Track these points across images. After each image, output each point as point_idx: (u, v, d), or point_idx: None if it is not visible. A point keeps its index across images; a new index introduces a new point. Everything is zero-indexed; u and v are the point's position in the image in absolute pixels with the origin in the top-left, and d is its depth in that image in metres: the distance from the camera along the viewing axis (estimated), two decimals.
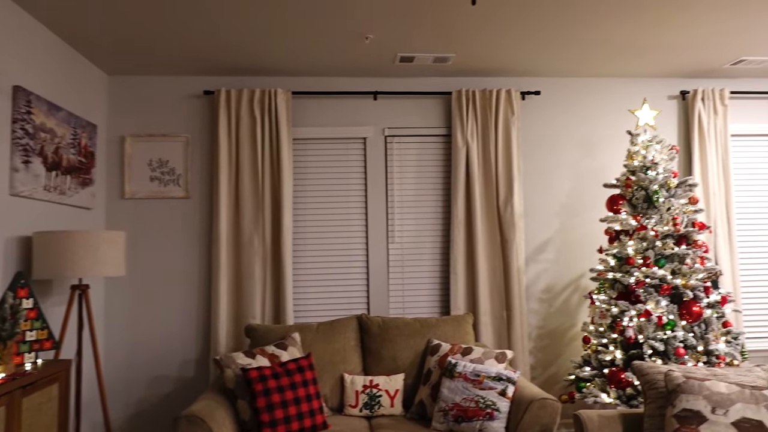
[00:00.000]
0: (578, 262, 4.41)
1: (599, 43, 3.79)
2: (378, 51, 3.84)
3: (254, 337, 3.49)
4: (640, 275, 3.51)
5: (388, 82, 4.39)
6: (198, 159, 4.24)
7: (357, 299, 4.29)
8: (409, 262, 4.34)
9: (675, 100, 4.54)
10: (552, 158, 4.46)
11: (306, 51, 3.80)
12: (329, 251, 4.29)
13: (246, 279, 4.04)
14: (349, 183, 4.35)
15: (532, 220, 4.41)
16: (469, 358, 3.21)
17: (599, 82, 4.51)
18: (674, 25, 3.51)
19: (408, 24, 3.40)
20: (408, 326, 3.54)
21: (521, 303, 4.18)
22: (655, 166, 3.69)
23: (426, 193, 4.38)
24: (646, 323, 3.42)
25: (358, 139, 4.38)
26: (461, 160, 4.25)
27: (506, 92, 4.31)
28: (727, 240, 4.34)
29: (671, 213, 3.63)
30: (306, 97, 4.33)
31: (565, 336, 4.36)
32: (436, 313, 4.33)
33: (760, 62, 4.18)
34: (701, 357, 3.41)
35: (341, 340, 3.47)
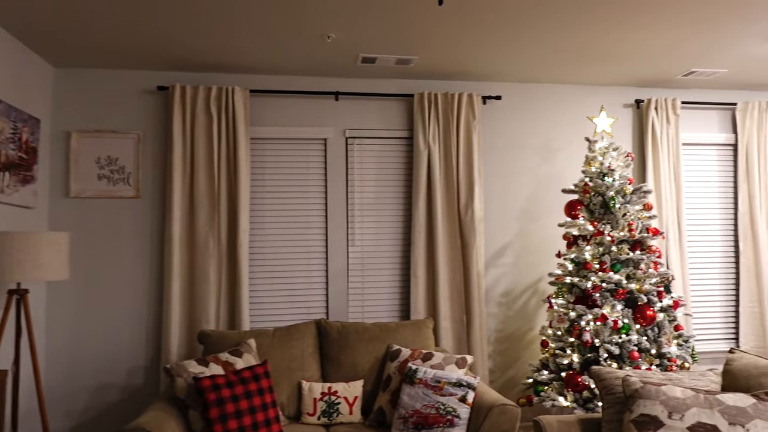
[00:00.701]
0: (537, 266, 4.46)
1: (560, 51, 3.84)
2: (340, 51, 3.77)
3: (208, 343, 3.36)
4: (596, 280, 3.56)
5: (350, 83, 4.32)
6: (150, 157, 4.06)
7: (316, 304, 4.20)
8: (369, 266, 4.28)
9: (630, 108, 4.66)
10: (512, 163, 4.49)
11: (266, 48, 3.70)
12: (287, 254, 4.19)
13: (200, 283, 3.89)
14: (309, 185, 4.26)
15: (492, 225, 4.43)
16: (429, 363, 3.18)
17: (558, 88, 4.57)
18: (631, 36, 3.59)
19: (370, 24, 3.34)
20: (368, 331, 3.48)
21: (481, 307, 4.19)
22: (612, 173, 3.75)
23: (387, 196, 4.34)
24: (602, 327, 3.47)
25: (319, 140, 4.29)
26: (423, 163, 4.22)
27: (468, 96, 4.31)
28: (677, 245, 4.47)
29: (627, 219, 3.70)
30: (265, 95, 4.22)
31: (523, 339, 4.39)
32: (395, 318, 4.29)
33: (710, 74, 4.32)
34: (654, 360, 3.48)
35: (299, 346, 3.37)
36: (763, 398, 2.08)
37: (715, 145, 4.75)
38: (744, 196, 4.61)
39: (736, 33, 3.55)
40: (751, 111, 4.64)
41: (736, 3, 3.11)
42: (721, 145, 4.76)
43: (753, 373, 2.27)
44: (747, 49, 3.82)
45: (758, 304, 4.52)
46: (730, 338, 4.65)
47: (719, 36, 3.59)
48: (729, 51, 3.86)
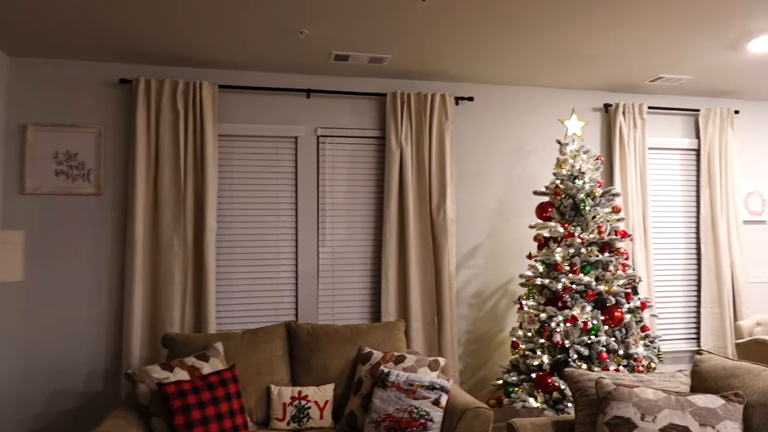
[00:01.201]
0: (507, 268, 4.47)
1: (532, 54, 3.85)
2: (312, 47, 3.69)
3: (172, 347, 3.23)
4: (567, 281, 3.59)
5: (322, 81, 4.25)
6: (112, 153, 3.89)
7: (285, 305, 4.10)
8: (339, 267, 4.21)
9: (599, 112, 4.73)
10: (483, 164, 4.49)
11: (236, 43, 3.59)
12: (256, 255, 4.08)
13: (164, 284, 3.75)
14: (279, 183, 4.16)
15: (463, 225, 4.42)
16: (401, 366, 3.14)
17: (530, 90, 4.60)
18: (602, 41, 3.63)
19: (344, 21, 3.28)
20: (338, 333, 3.41)
21: (452, 308, 4.17)
22: (582, 176, 3.79)
23: (358, 196, 4.28)
24: (572, 328, 3.50)
25: (289, 138, 4.20)
26: (395, 163, 4.18)
27: (441, 97, 4.29)
28: (643, 247, 4.56)
29: (596, 221, 3.74)
30: (234, 91, 4.10)
31: (493, 341, 4.40)
32: (366, 320, 4.23)
33: (675, 80, 4.42)
34: (622, 361, 3.53)
35: (268, 349, 3.28)
36: (732, 399, 2.12)
37: (679, 150, 4.86)
38: (706, 200, 4.74)
39: (703, 41, 3.63)
40: (713, 117, 4.78)
41: (702, 14, 3.18)
42: (684, 150, 4.88)
43: (721, 374, 2.31)
44: (711, 56, 3.92)
45: (718, 305, 4.65)
46: (691, 338, 4.77)
47: (686, 43, 3.67)
48: (695, 58, 3.95)
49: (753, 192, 4.96)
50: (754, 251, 4.93)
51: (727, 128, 4.78)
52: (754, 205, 4.95)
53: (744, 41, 3.65)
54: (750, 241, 4.93)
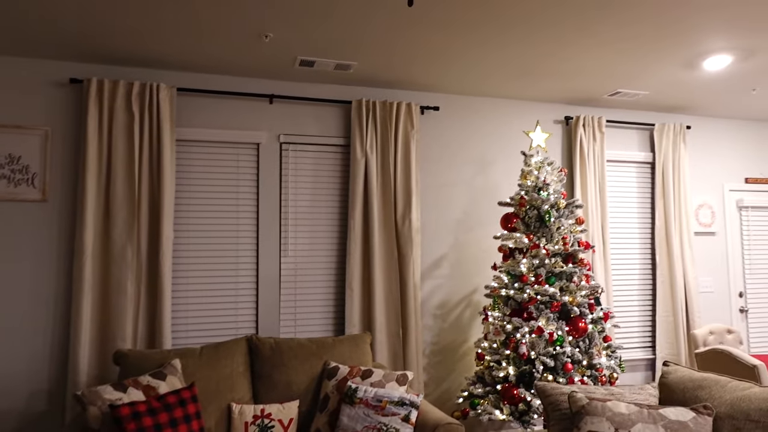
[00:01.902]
0: (471, 278, 4.46)
1: (497, 67, 3.87)
2: (277, 52, 3.58)
3: (125, 364, 3.03)
4: (532, 292, 3.60)
5: (286, 86, 4.14)
6: (60, 157, 3.65)
7: (244, 318, 3.95)
8: (302, 277, 4.09)
9: (560, 124, 4.80)
10: (448, 174, 4.48)
11: (197, 44, 3.44)
12: (215, 265, 3.91)
13: (115, 296, 3.53)
14: (240, 191, 4.01)
15: (428, 235, 4.39)
16: (369, 381, 3.05)
17: (494, 101, 4.63)
18: (564, 56, 3.69)
19: (310, 26, 3.19)
20: (303, 348, 3.30)
21: (417, 319, 4.12)
22: (547, 187, 3.83)
23: (322, 205, 4.18)
24: (538, 340, 3.51)
25: (251, 145, 4.06)
26: (360, 171, 4.11)
27: (407, 105, 4.26)
28: (602, 258, 4.65)
29: (561, 232, 3.78)
30: (193, 95, 3.93)
31: (457, 352, 4.38)
32: (329, 332, 4.12)
33: (633, 95, 4.55)
34: (586, 371, 3.56)
35: (229, 365, 3.13)
36: (702, 412, 2.14)
37: (635, 163, 5.00)
38: (660, 212, 4.89)
39: (661, 58, 3.74)
40: (666, 132, 4.94)
41: (662, 32, 3.27)
42: (640, 163, 5.02)
43: (689, 386, 2.34)
44: (668, 73, 4.05)
45: (672, 314, 4.79)
46: (647, 347, 4.89)
47: (645, 60, 3.77)
48: (652, 74, 4.07)
49: (703, 204, 5.16)
50: (704, 262, 5.12)
51: (680, 143, 4.96)
52: (704, 217, 5.14)
53: (700, 59, 3.78)
54: (700, 252, 5.11)
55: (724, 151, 5.31)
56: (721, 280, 5.16)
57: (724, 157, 5.30)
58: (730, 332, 4.23)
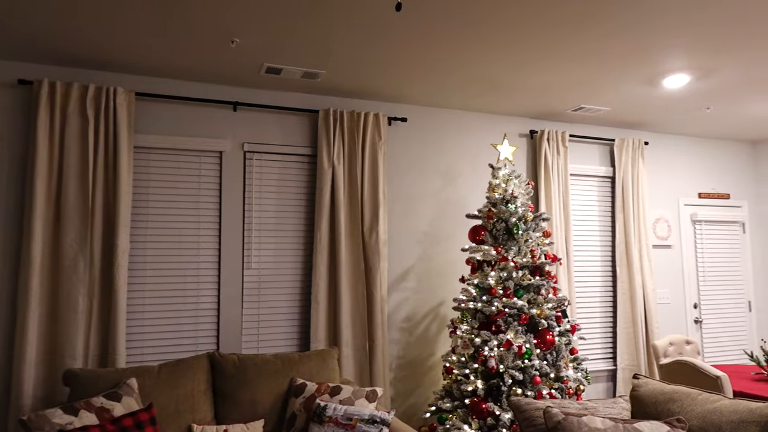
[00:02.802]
0: (438, 291, 4.43)
1: (464, 80, 3.88)
2: (243, 58, 3.48)
3: (76, 385, 2.83)
4: (500, 305, 3.59)
5: (251, 94, 4.03)
6: (6, 162, 3.42)
7: (205, 334, 3.78)
8: (266, 291, 3.96)
9: (525, 138, 4.86)
10: (416, 186, 4.45)
11: (158, 47, 3.30)
12: (174, 278, 3.74)
13: (65, 311, 3.32)
14: (201, 201, 3.86)
15: (395, 248, 4.33)
16: (338, 398, 2.95)
17: (461, 114, 4.65)
18: (529, 72, 3.73)
19: (278, 32, 3.11)
20: (268, 364, 3.17)
21: (383, 333, 4.05)
22: (515, 200, 3.84)
23: (288, 216, 4.07)
24: (506, 353, 3.49)
25: (213, 153, 3.92)
26: (326, 182, 4.03)
27: (374, 116, 4.21)
28: (566, 271, 4.70)
29: (528, 245, 3.79)
30: (153, 100, 3.77)
31: (424, 366, 4.32)
32: (294, 347, 4.00)
33: (595, 111, 4.65)
34: (553, 384, 3.56)
35: (189, 384, 2.97)
36: (675, 425, 2.15)
37: (596, 177, 5.11)
38: (620, 225, 5.00)
39: (623, 75, 3.83)
40: (626, 147, 5.07)
41: (624, 50, 3.35)
42: (601, 177, 5.13)
43: (660, 399, 2.35)
44: (629, 90, 4.15)
45: (632, 325, 4.89)
46: (608, 358, 4.97)
47: (607, 77, 3.86)
48: (614, 91, 4.17)
49: (660, 218, 5.31)
50: (661, 274, 5.26)
51: (638, 158, 5.10)
52: (661, 230, 5.29)
53: (660, 78, 3.90)
54: (658, 265, 5.25)
55: (679, 166, 5.49)
56: (677, 291, 5.31)
57: (679, 172, 5.48)
58: (689, 343, 4.34)
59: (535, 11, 2.88)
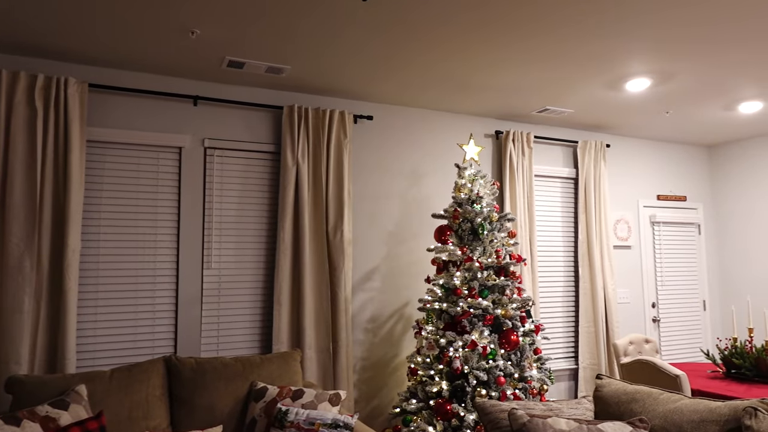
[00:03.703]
0: (403, 291, 4.39)
1: (430, 80, 3.85)
2: (204, 50, 3.35)
3: (20, 392, 2.66)
4: (465, 306, 3.57)
5: (213, 88, 3.90)
6: None
7: (162, 336, 3.63)
8: (227, 291, 3.84)
9: (491, 138, 4.87)
10: (382, 185, 4.40)
11: (113, 37, 3.14)
12: (129, 279, 3.58)
13: (9, 313, 3.13)
14: (158, 198, 3.71)
15: (359, 248, 4.27)
16: (300, 402, 2.87)
17: (428, 113, 4.62)
18: (494, 72, 3.73)
19: (241, 24, 3.01)
20: (228, 368, 3.06)
21: (348, 334, 3.98)
22: (480, 200, 3.83)
23: (250, 214, 3.96)
24: (471, 354, 3.47)
25: (172, 148, 3.78)
26: (290, 180, 3.93)
27: (340, 114, 4.14)
28: (530, 271, 4.73)
29: (494, 245, 3.79)
30: (108, 92, 3.61)
31: (388, 367, 4.27)
32: (255, 349, 3.89)
33: (559, 113, 4.69)
34: (517, 384, 3.57)
35: (143, 389, 2.83)
36: (638, 426, 2.16)
37: (560, 178, 5.16)
38: (583, 225, 5.07)
39: (586, 78, 3.87)
40: (588, 149, 5.14)
41: (587, 53, 3.37)
42: (565, 179, 5.19)
43: (623, 399, 2.36)
44: (592, 93, 4.20)
45: (593, 324, 4.96)
46: (570, 357, 5.03)
47: (571, 79, 3.89)
48: (577, 93, 4.21)
49: (620, 219, 5.41)
50: (621, 274, 5.36)
51: (600, 160, 5.18)
52: (622, 231, 5.39)
53: (622, 81, 3.95)
54: (618, 265, 5.35)
55: (639, 169, 5.61)
56: (636, 291, 5.42)
57: (639, 174, 5.60)
58: (648, 342, 4.42)
59: (498, 13, 2.87)
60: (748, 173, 5.67)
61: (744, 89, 4.16)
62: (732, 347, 3.64)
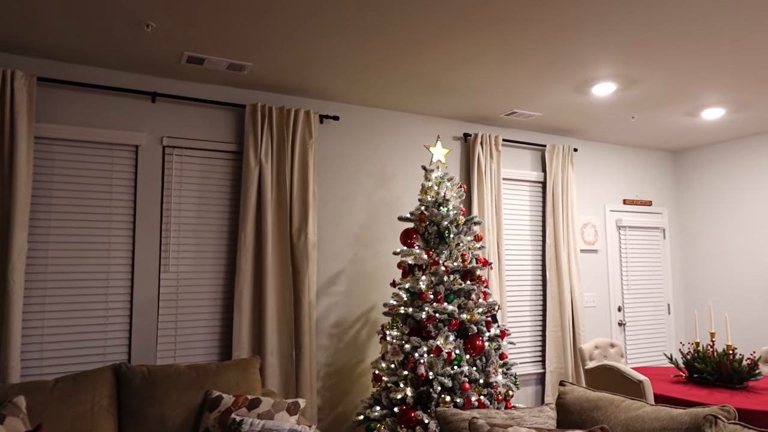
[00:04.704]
0: (369, 295, 4.31)
1: (397, 79, 3.79)
2: (161, 45, 3.22)
3: None
4: (431, 310, 3.50)
5: (172, 84, 3.75)
6: None
7: (115, 343, 3.47)
8: (185, 296, 3.70)
9: (459, 141, 4.83)
10: (348, 187, 4.31)
11: (63, 28, 2.99)
12: (80, 282, 3.41)
13: None
14: (113, 198, 3.55)
15: (324, 251, 4.17)
16: (256, 412, 2.76)
17: (395, 115, 4.55)
18: (465, 73, 3.68)
19: (199, 18, 2.89)
20: (182, 376, 2.93)
21: (311, 339, 3.88)
22: (447, 203, 3.78)
23: (210, 216, 3.82)
24: (436, 359, 3.41)
25: (129, 147, 3.62)
26: (253, 181, 3.82)
27: (305, 113, 4.04)
28: (497, 275, 4.70)
29: (460, 249, 3.73)
30: (59, 86, 3.44)
31: (353, 372, 4.18)
32: (214, 357, 3.75)
33: (527, 116, 4.68)
34: (482, 390, 3.51)
35: (88, 399, 2.68)
36: None
37: (528, 182, 5.15)
38: (550, 229, 5.06)
39: (553, 81, 3.85)
40: (556, 153, 5.15)
41: (554, 56, 3.35)
42: (533, 182, 5.18)
43: (585, 406, 2.32)
44: (559, 97, 4.20)
45: (560, 328, 4.96)
46: (537, 361, 5.01)
47: (539, 82, 3.87)
48: (545, 97, 4.20)
49: (588, 223, 5.43)
50: (588, 278, 5.37)
51: (568, 164, 5.19)
52: (589, 235, 5.42)
53: (588, 85, 3.95)
54: (585, 269, 5.36)
55: (606, 173, 5.65)
56: (602, 295, 5.44)
57: (605, 179, 5.64)
58: (613, 346, 4.43)
59: (462, 12, 2.81)
60: (711, 179, 5.77)
61: (706, 96, 4.21)
62: (694, 351, 3.66)
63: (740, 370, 3.42)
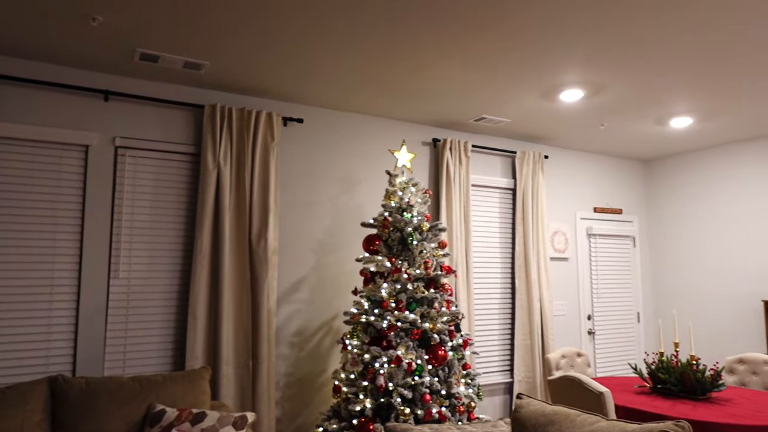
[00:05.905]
0: (332, 302, 4.19)
1: (360, 81, 3.69)
2: (111, 40, 3.08)
3: None
4: (392, 319, 3.40)
5: (125, 83, 3.61)
6: None
7: (58, 353, 3.29)
8: (136, 303, 3.54)
9: (428, 146, 4.75)
10: (311, 191, 4.19)
11: (7, 20, 2.83)
12: (20, 289, 3.23)
13: None
14: (60, 201, 3.39)
15: (286, 257, 4.04)
16: (200, 426, 2.61)
17: (361, 118, 4.45)
18: (428, 75, 3.60)
19: (149, 13, 2.76)
20: (123, 389, 2.77)
21: (270, 349, 3.74)
22: (411, 209, 3.68)
23: (165, 220, 3.67)
24: (396, 370, 3.30)
25: (78, 147, 3.47)
26: (210, 184, 3.68)
27: (267, 115, 3.92)
28: (465, 283, 4.61)
29: (423, 256, 3.64)
30: (4, 83, 3.27)
31: (315, 383, 4.05)
32: (167, 368, 3.59)
33: (496, 122, 4.62)
34: (444, 401, 3.41)
35: (19, 414, 2.52)
36: None
37: (498, 189, 5.09)
38: (520, 236, 5.00)
39: (520, 86, 3.79)
40: (527, 160, 5.10)
41: (520, 60, 3.29)
42: (503, 189, 5.12)
43: (541, 421, 2.23)
44: (528, 103, 4.14)
45: (529, 337, 4.88)
46: (505, 370, 4.93)
47: (506, 87, 3.81)
48: (513, 102, 4.14)
49: (558, 231, 5.39)
50: (558, 286, 5.32)
51: (538, 171, 5.14)
52: (559, 243, 5.37)
53: (556, 92, 3.90)
54: (555, 277, 5.31)
55: (576, 181, 5.61)
56: (572, 303, 5.39)
57: (576, 186, 5.60)
58: (580, 355, 4.37)
59: (417, 9, 2.73)
60: (681, 188, 5.77)
61: (674, 104, 4.19)
62: (658, 361, 3.60)
63: (703, 381, 3.37)
